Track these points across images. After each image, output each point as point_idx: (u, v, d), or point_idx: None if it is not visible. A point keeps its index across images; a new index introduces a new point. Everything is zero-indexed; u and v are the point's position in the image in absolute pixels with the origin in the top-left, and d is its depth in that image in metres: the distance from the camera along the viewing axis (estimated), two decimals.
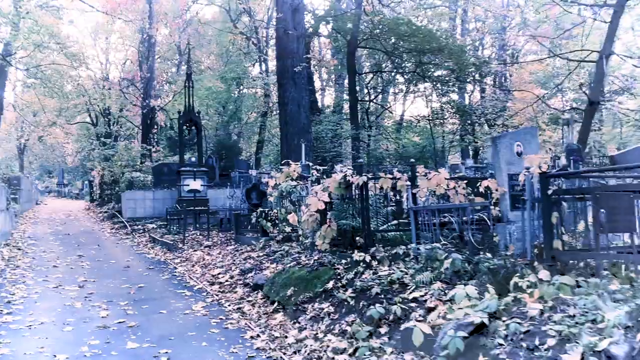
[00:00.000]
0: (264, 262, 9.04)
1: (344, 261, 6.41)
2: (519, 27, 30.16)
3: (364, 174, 6.49)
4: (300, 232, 9.58)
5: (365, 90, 29.13)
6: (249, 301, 7.36)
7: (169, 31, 39.13)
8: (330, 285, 6.10)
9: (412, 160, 9.99)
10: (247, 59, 38.59)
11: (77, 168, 53.13)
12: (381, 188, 7.28)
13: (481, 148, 25.90)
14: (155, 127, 31.15)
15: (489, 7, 25.85)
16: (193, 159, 23.72)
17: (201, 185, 15.61)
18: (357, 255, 6.13)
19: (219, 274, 9.16)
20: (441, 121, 22.94)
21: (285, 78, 12.66)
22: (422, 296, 4.78)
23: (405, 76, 21.32)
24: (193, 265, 10.59)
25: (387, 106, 25.55)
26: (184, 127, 19.55)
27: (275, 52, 13.92)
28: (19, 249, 13.39)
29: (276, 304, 6.68)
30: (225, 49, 39.42)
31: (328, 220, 7.08)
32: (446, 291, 4.72)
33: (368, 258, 6.02)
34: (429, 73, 19.80)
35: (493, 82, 28.51)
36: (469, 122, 22.18)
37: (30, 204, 29.22)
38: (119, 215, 21.17)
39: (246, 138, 36.15)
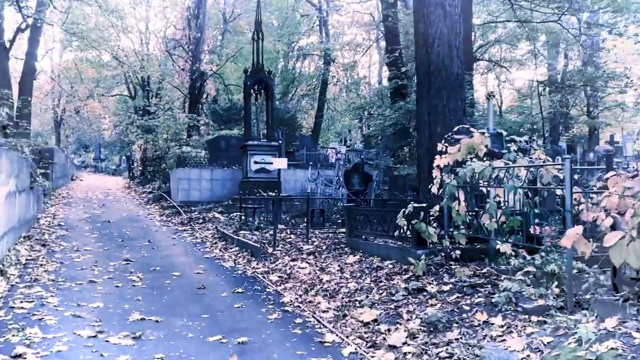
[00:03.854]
0: (463, 305, 4.99)
1: None
2: None
3: None
4: (517, 257, 5.52)
5: None
6: None
7: None
8: None
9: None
10: (305, 24, 34.41)
11: (115, 142, 50.25)
12: None
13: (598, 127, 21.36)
14: (205, 96, 27.38)
15: None
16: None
17: (287, 163, 11.55)
18: None
19: (376, 322, 5.16)
20: (566, 88, 18.31)
21: (428, 5, 8.49)
22: None
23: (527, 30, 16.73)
24: (307, 291, 6.64)
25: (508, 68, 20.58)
26: (252, 90, 15.55)
27: None
28: (44, 245, 9.72)
29: None
30: (277, 14, 35.36)
31: None
32: None
33: None
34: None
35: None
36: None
37: (65, 179, 25.94)
38: (167, 198, 17.51)
39: (303, 112, 32.14)
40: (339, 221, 11.78)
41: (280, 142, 19.21)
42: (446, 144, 6.43)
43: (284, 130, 22.51)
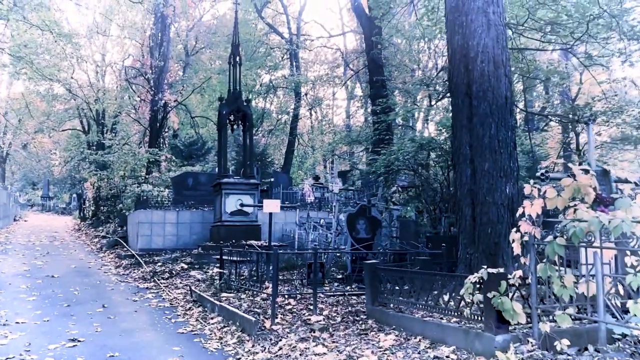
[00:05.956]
0: None
1: None
2: None
3: None
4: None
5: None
6: None
7: (174, 29, 33.40)
8: None
9: None
10: (273, 57, 32.85)
11: (65, 179, 47.16)
12: None
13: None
14: (167, 129, 25.18)
15: None
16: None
17: (279, 206, 9.46)
18: None
19: None
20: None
21: (468, 12, 6.83)
22: None
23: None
24: None
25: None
26: (227, 120, 13.54)
27: None
28: None
29: None
30: (243, 46, 33.73)
31: None
32: None
33: None
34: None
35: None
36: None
37: (5, 220, 23.04)
38: (124, 244, 15.11)
39: (272, 147, 30.25)
40: (339, 277, 9.81)
41: (271, 181, 17.30)
42: (536, 186, 4.62)
43: (258, 167, 20.53)
